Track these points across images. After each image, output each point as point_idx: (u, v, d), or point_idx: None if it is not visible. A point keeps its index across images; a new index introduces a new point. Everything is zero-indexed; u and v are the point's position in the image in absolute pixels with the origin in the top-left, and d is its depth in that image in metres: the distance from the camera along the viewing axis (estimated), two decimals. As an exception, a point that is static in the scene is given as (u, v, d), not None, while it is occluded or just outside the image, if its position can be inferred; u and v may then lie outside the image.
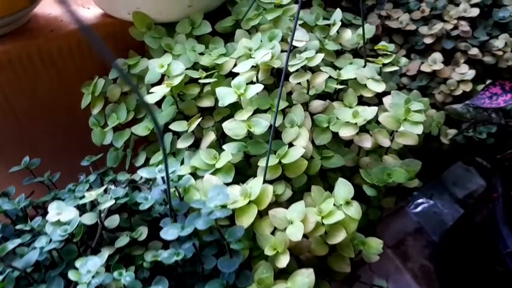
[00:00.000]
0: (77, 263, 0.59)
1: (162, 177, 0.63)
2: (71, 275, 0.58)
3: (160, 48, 0.85)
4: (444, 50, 1.05)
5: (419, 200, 1.26)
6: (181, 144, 0.77)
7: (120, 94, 0.85)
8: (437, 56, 1.03)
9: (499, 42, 1.05)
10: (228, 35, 0.90)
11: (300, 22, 0.89)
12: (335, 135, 0.79)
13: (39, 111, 0.93)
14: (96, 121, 0.85)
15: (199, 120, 0.75)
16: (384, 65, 0.88)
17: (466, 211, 1.18)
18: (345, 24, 1.03)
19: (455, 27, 1.06)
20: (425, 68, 1.02)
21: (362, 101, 0.88)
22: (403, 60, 0.92)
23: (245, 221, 0.66)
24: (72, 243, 0.64)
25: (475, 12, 1.08)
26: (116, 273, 0.60)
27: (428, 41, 1.05)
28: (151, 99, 0.75)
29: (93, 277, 0.56)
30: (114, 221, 0.67)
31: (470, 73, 1.01)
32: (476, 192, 1.28)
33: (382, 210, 0.92)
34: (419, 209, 1.25)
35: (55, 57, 0.87)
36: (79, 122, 0.88)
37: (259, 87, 0.72)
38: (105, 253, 0.61)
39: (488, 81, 1.04)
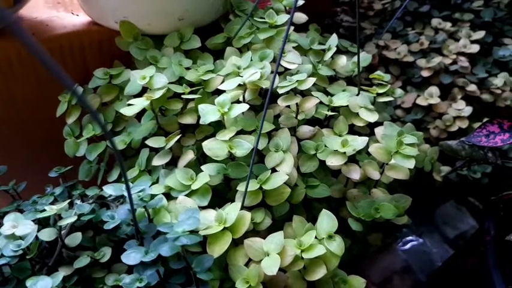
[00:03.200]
0: (28, 283, 0.54)
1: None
2: (19, 296, 0.53)
3: (145, 60, 0.81)
4: (441, 84, 1.02)
5: (409, 238, 1.22)
6: (158, 161, 0.72)
7: (99, 104, 0.80)
8: (434, 90, 1.00)
9: (498, 81, 1.02)
10: (219, 52, 0.86)
11: (294, 45, 0.85)
12: (322, 163, 0.75)
13: (16, 118, 0.88)
14: (71, 131, 0.80)
15: (179, 137, 0.71)
16: (378, 94, 0.84)
17: (456, 252, 1.13)
18: (341, 51, 1.00)
19: (454, 62, 1.04)
20: (421, 102, 0.99)
21: (353, 130, 0.84)
22: (399, 91, 0.88)
23: (217, 249, 0.61)
24: (26, 260, 0.59)
25: (475, 48, 1.05)
26: (70, 297, 0.55)
27: (425, 74, 1.02)
28: (128, 112, 0.70)
29: (40, 299, 0.51)
30: (75, 238, 0.62)
31: (467, 110, 0.98)
32: (467, 233, 1.23)
33: (368, 246, 0.87)
34: (407, 246, 1.21)
35: (35, 62, 0.83)
36: (57, 132, 0.83)
37: (244, 107, 0.68)
38: (61, 273, 0.56)
39: (485, 119, 1.01)
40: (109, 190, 0.59)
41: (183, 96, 0.74)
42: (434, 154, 0.91)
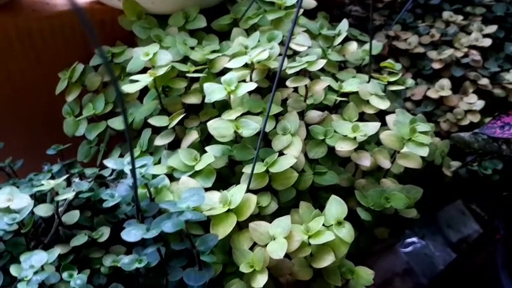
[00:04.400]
0: (22, 257, 0.51)
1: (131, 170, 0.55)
2: (13, 270, 0.50)
3: (149, 39, 0.78)
4: (452, 77, 0.99)
5: (411, 239, 1.19)
6: (160, 141, 0.69)
7: (100, 84, 0.78)
8: (445, 82, 0.97)
9: (510, 76, 0.99)
10: (225, 34, 0.83)
11: (303, 29, 0.83)
12: (331, 151, 0.72)
13: (13, 96, 0.86)
14: (70, 109, 0.78)
15: (183, 115, 0.68)
16: (389, 83, 0.82)
17: (459, 256, 1.11)
18: (350, 40, 0.97)
19: (466, 56, 1.01)
20: (432, 94, 0.96)
21: (362, 119, 0.81)
22: (409, 81, 0.85)
23: (221, 230, 0.58)
24: (20, 236, 0.56)
25: (487, 42, 1.02)
26: (65, 274, 0.52)
27: (436, 66, 0.99)
28: (131, 88, 0.68)
29: (35, 273, 0.48)
30: (73, 216, 0.59)
31: (479, 103, 0.95)
32: (471, 237, 1.21)
33: (374, 240, 0.84)
34: (409, 248, 1.18)
35: (35, 39, 0.80)
36: (55, 112, 0.81)
37: (252, 86, 0.65)
38: (57, 250, 0.53)
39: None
40: (110, 164, 0.55)
41: (187, 75, 0.71)
42: (445, 147, 0.89)
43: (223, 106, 0.72)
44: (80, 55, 0.82)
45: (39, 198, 0.62)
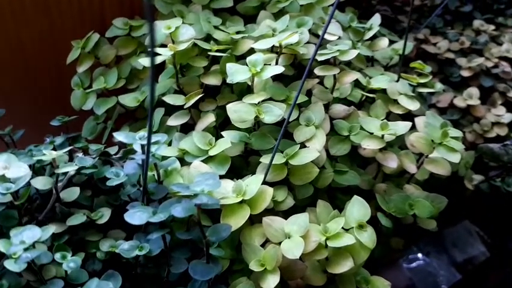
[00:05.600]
0: (12, 232, 0.46)
1: (142, 146, 0.49)
2: (0, 245, 0.45)
3: (171, 14, 0.74)
4: (480, 87, 0.95)
5: (415, 256, 1.15)
6: (174, 121, 0.65)
7: (114, 57, 0.73)
8: (474, 91, 0.92)
9: (540, 91, 0.95)
10: (250, 18, 0.78)
11: (332, 20, 0.78)
12: (353, 150, 0.67)
13: (22, 65, 0.81)
14: (80, 81, 0.73)
15: (200, 96, 0.63)
16: (418, 85, 0.77)
17: (464, 277, 1.07)
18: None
19: (496, 66, 0.96)
20: (459, 102, 0.92)
21: (388, 120, 0.76)
22: (438, 85, 0.81)
23: (233, 222, 0.54)
24: (13, 208, 0.51)
25: (518, 55, 0.98)
26: (58, 255, 0.47)
27: (465, 73, 0.95)
28: (148, 62, 0.62)
29: (25, 250, 0.42)
30: (72, 193, 0.55)
31: (508, 116, 0.90)
32: (477, 259, 1.17)
33: (389, 252, 0.79)
34: (413, 264, 1.14)
35: (50, 6, 0.75)
36: (64, 86, 0.77)
37: (279, 69, 0.61)
38: (51, 228, 0.48)
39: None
40: (120, 137, 0.50)
41: (210, 53, 0.67)
42: (469, 158, 0.84)
43: (242, 92, 0.68)
44: (95, 27, 0.77)
45: (37, 170, 0.57)
